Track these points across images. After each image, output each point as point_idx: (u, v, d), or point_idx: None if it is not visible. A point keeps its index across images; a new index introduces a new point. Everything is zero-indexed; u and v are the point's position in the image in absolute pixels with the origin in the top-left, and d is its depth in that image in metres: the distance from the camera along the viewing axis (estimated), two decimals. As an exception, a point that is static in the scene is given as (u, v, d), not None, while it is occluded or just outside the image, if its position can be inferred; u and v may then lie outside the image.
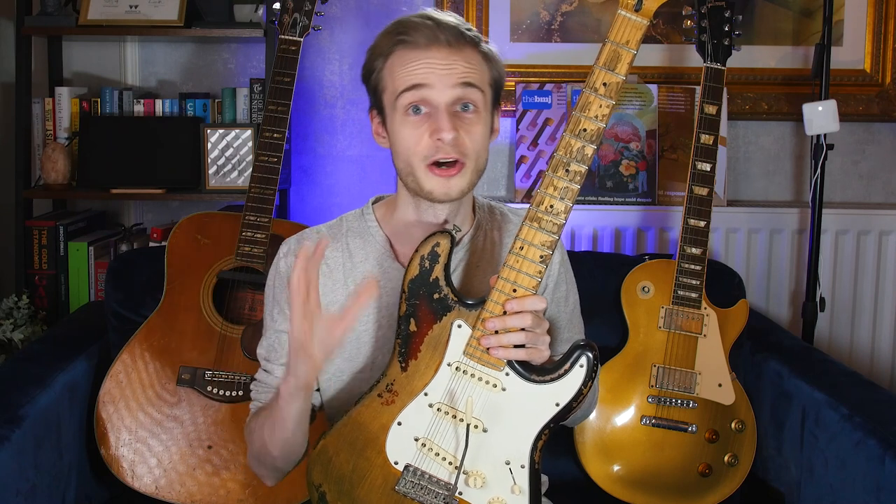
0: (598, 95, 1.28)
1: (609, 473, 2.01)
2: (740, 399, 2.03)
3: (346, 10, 2.81)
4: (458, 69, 1.40)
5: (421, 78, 1.40)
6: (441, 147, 1.40)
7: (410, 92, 1.40)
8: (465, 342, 1.34)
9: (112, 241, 2.73)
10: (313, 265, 1.30)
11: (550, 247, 1.30)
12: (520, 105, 2.72)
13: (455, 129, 1.39)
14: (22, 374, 1.89)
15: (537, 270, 1.31)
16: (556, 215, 1.30)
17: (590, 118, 1.29)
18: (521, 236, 1.31)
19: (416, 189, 1.44)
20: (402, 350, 1.37)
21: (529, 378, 1.33)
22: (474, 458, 1.35)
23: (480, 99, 1.43)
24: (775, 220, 2.73)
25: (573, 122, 1.29)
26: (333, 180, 2.88)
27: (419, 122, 1.41)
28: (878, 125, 2.87)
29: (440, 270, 1.35)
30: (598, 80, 1.28)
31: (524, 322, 1.30)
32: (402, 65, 1.41)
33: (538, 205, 1.30)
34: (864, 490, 1.70)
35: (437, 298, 1.35)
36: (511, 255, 1.31)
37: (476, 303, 1.35)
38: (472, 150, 1.42)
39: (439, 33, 1.40)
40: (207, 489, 1.93)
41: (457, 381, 1.35)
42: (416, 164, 1.42)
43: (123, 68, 2.85)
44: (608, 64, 1.28)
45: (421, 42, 1.40)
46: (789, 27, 2.81)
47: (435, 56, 1.40)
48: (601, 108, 1.29)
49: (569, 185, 1.30)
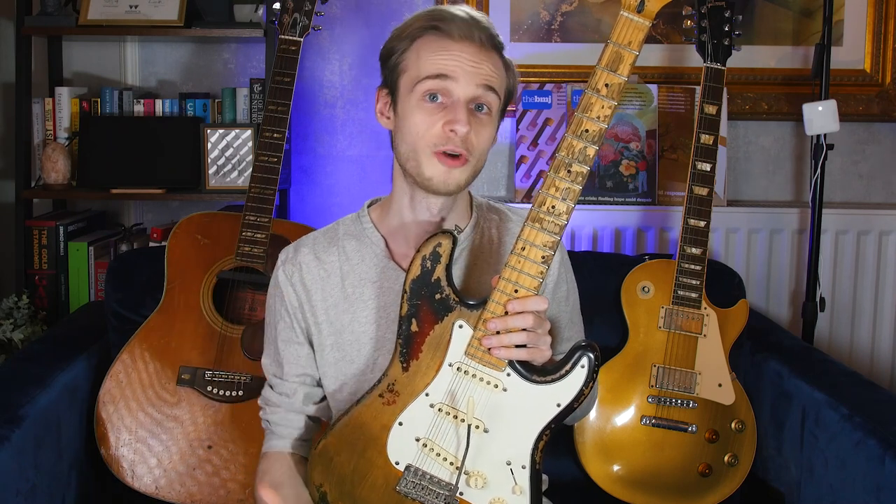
0: (599, 96, 1.29)
1: (609, 473, 2.01)
2: (740, 399, 2.03)
3: (346, 10, 2.81)
4: (485, 70, 1.42)
5: (449, 69, 1.40)
6: (451, 139, 1.40)
7: (434, 80, 1.41)
8: (466, 343, 1.34)
9: (112, 241, 2.73)
10: None
11: (552, 247, 1.30)
12: (520, 105, 2.72)
13: (469, 125, 1.40)
14: (22, 374, 1.89)
15: (539, 271, 1.31)
16: (557, 216, 1.30)
17: (591, 119, 1.29)
18: (523, 237, 1.31)
19: (415, 174, 1.44)
20: (404, 350, 1.37)
21: (531, 378, 1.33)
22: (475, 458, 1.35)
23: (496, 103, 1.44)
24: (775, 220, 2.73)
25: (575, 123, 1.30)
26: (333, 180, 2.88)
27: (434, 109, 1.41)
28: (878, 125, 2.87)
29: (442, 271, 1.35)
30: (599, 81, 1.29)
31: (526, 322, 1.30)
32: (431, 51, 1.42)
33: (540, 205, 1.30)
34: (864, 490, 1.70)
35: (439, 299, 1.35)
36: (513, 256, 1.31)
37: (478, 303, 1.35)
38: (478, 149, 1.43)
39: (475, 30, 1.42)
40: (207, 489, 1.93)
41: (458, 381, 1.35)
42: (421, 148, 1.42)
43: (123, 68, 2.85)
44: (610, 65, 1.28)
45: (455, 34, 1.41)
46: (789, 27, 2.81)
47: (466, 51, 1.41)
48: (603, 108, 1.29)
49: (570, 185, 1.30)
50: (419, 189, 1.45)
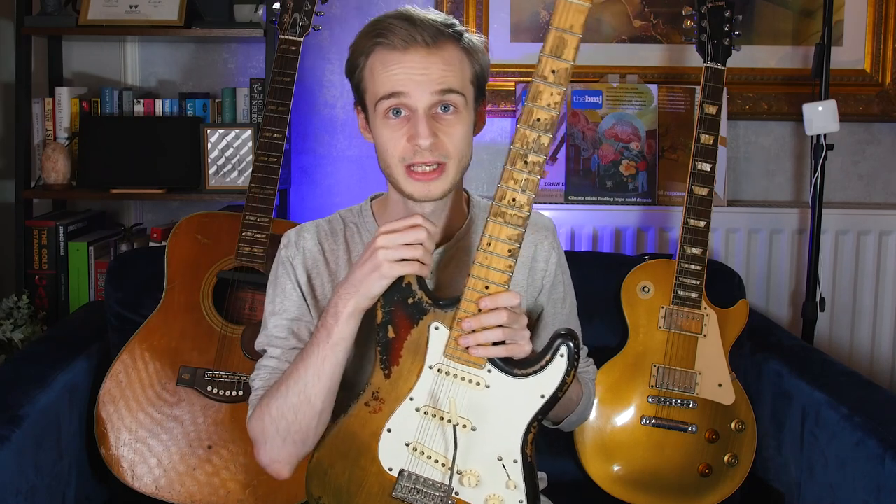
0: (547, 84, 1.27)
1: (609, 473, 2.01)
2: (740, 399, 2.03)
3: (346, 10, 2.81)
4: (436, 73, 1.39)
5: (399, 86, 1.39)
6: (419, 151, 1.40)
7: (389, 99, 1.40)
8: (444, 343, 1.34)
9: (112, 241, 2.73)
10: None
11: (517, 240, 1.29)
12: (520, 105, 2.72)
13: (433, 135, 1.39)
14: (22, 374, 1.89)
15: (507, 265, 1.30)
16: (519, 208, 1.29)
17: (542, 107, 1.27)
18: (487, 232, 1.30)
19: (399, 189, 1.46)
20: (384, 357, 1.37)
21: (512, 373, 1.33)
22: (466, 457, 1.35)
23: (460, 100, 1.42)
24: (775, 220, 2.73)
25: (526, 113, 1.28)
26: (333, 180, 2.88)
27: (398, 125, 1.41)
28: (878, 125, 2.87)
29: (412, 276, 1.35)
30: (546, 69, 1.27)
31: (499, 319, 1.30)
32: (382, 68, 1.41)
33: (500, 199, 1.29)
34: (864, 490, 1.70)
35: (412, 303, 1.35)
36: (479, 253, 1.30)
37: (450, 302, 1.34)
38: (454, 150, 1.42)
39: (416, 34, 1.38)
40: (207, 489, 1.93)
41: (440, 382, 1.34)
42: (394, 165, 1.43)
43: (123, 68, 2.85)
44: (554, 51, 1.26)
45: (398, 44, 1.39)
46: (789, 27, 2.81)
47: (413, 59, 1.39)
48: (552, 95, 1.27)
49: (529, 176, 1.28)
50: (406, 199, 1.46)
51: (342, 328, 1.35)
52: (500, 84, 2.80)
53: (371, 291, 1.33)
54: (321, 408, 1.39)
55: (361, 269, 1.34)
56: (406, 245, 1.31)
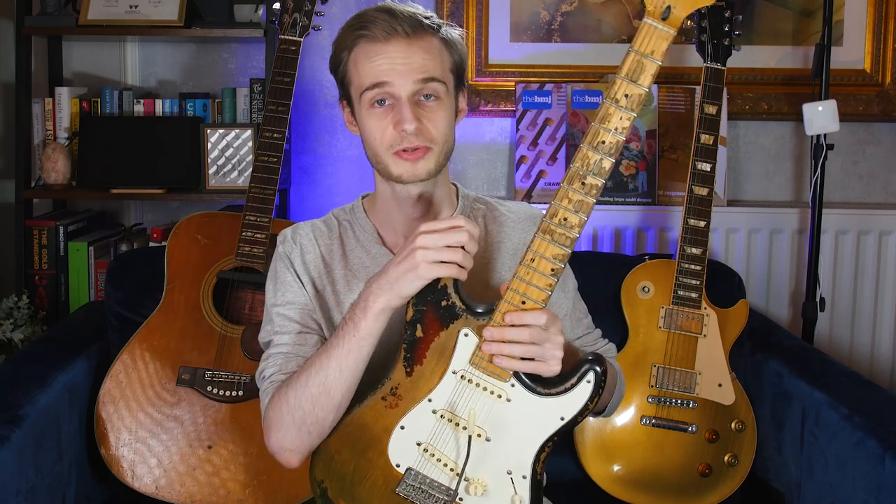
0: (618, 107, 1.24)
1: (609, 473, 2.01)
2: (740, 399, 2.03)
3: (346, 10, 2.80)
4: (417, 62, 1.43)
5: (383, 75, 1.43)
6: (405, 137, 1.43)
7: (373, 90, 1.44)
8: (471, 351, 1.33)
9: (112, 241, 2.73)
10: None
11: (562, 260, 1.28)
12: (520, 105, 2.72)
13: (417, 120, 1.42)
14: (22, 374, 1.89)
15: (548, 283, 1.29)
16: (569, 228, 1.27)
17: (609, 130, 1.24)
18: (533, 248, 1.28)
19: (386, 175, 1.48)
20: (408, 355, 1.36)
21: (535, 391, 1.32)
22: (476, 466, 1.35)
23: (441, 88, 1.45)
24: (775, 220, 2.73)
25: (592, 134, 1.25)
26: (333, 180, 2.88)
27: (383, 113, 1.45)
28: (878, 125, 2.87)
29: (449, 278, 1.34)
30: (619, 91, 1.24)
31: (521, 335, 1.29)
32: (365, 60, 1.44)
33: (552, 216, 1.27)
34: (864, 490, 1.70)
35: (445, 306, 1.34)
36: (521, 267, 1.29)
37: (485, 311, 1.33)
38: (437, 135, 1.45)
39: (396, 25, 1.42)
40: (207, 489, 1.93)
41: (461, 389, 1.34)
42: (382, 152, 1.46)
43: (123, 68, 2.85)
44: (631, 75, 1.23)
45: (380, 36, 1.43)
46: (789, 27, 2.81)
47: (395, 50, 1.43)
48: (621, 120, 1.24)
49: (584, 198, 1.26)
50: (394, 182, 1.49)
51: (370, 324, 1.35)
52: (500, 84, 2.80)
53: (405, 291, 1.33)
54: (339, 401, 1.39)
55: (397, 268, 1.33)
56: (447, 247, 1.31)
